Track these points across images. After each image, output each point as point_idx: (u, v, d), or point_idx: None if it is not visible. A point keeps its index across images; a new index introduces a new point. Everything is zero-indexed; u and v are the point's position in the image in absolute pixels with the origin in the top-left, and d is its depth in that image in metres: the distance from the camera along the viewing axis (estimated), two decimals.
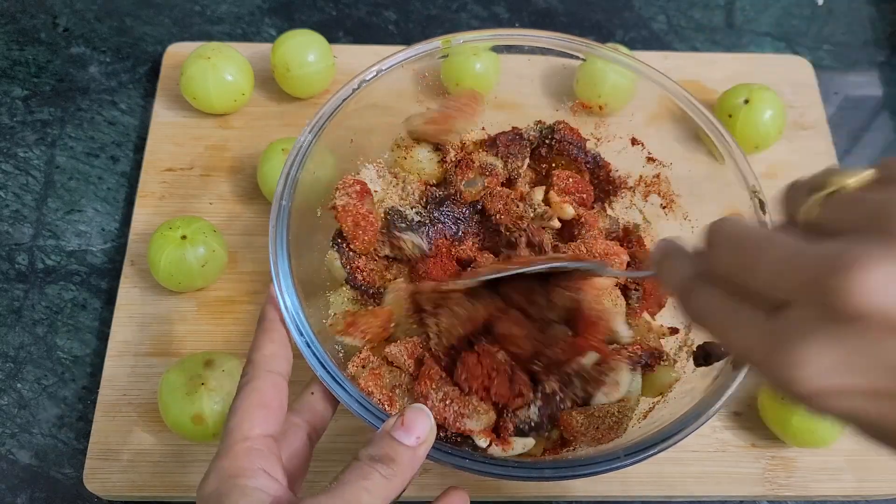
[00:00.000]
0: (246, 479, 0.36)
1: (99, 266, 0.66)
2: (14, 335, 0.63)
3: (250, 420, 0.38)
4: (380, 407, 0.44)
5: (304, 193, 0.49)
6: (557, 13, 0.84)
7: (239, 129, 0.72)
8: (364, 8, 0.83)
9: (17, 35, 0.79)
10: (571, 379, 0.49)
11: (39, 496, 0.57)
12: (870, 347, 0.25)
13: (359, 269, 0.53)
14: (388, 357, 0.49)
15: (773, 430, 0.58)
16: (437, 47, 0.55)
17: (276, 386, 0.40)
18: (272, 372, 0.40)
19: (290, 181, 0.48)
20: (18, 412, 0.60)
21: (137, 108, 0.75)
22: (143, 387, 0.60)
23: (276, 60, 0.70)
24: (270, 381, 0.40)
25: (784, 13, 0.86)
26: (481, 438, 0.46)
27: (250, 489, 0.35)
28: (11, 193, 0.70)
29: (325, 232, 0.53)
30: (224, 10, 0.82)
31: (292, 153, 0.50)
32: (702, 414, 0.44)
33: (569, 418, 0.48)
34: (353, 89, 0.53)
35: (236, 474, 0.36)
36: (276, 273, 0.45)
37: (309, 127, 0.51)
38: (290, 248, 0.46)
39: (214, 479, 0.36)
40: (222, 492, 0.35)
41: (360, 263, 0.53)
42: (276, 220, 0.47)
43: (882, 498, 0.59)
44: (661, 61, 0.78)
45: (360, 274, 0.52)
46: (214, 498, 0.35)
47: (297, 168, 0.49)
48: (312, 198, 0.52)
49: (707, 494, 0.58)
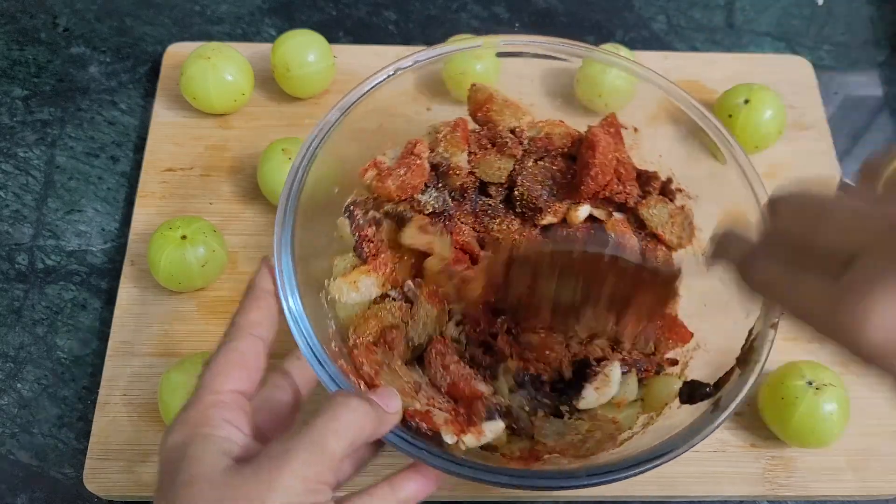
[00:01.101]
0: (210, 427, 0.36)
1: (99, 266, 0.66)
2: (14, 335, 0.63)
3: (224, 376, 0.38)
4: (357, 385, 0.45)
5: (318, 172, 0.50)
6: (557, 13, 0.84)
7: (239, 129, 0.72)
8: (364, 8, 0.83)
9: (17, 35, 0.79)
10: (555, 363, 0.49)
11: (39, 496, 0.57)
12: None
13: (366, 238, 0.53)
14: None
15: (773, 430, 0.58)
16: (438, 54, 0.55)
17: (256, 348, 0.40)
18: (254, 335, 0.40)
19: (312, 152, 0.49)
20: (18, 412, 0.60)
21: (137, 108, 0.75)
22: (143, 387, 0.60)
23: (276, 60, 0.70)
24: (251, 342, 0.40)
25: (784, 13, 0.86)
26: (448, 434, 0.47)
27: (214, 437, 0.35)
28: (11, 193, 0.70)
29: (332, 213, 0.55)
30: (224, 10, 0.82)
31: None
32: (673, 450, 0.43)
33: (541, 424, 0.48)
34: (387, 75, 0.53)
35: (201, 423, 0.36)
36: (277, 244, 0.46)
37: (336, 107, 0.51)
38: (298, 218, 0.47)
39: (179, 430, 0.36)
40: (186, 441, 0.35)
41: (369, 233, 0.54)
42: (289, 190, 0.48)
43: (882, 498, 0.59)
44: (661, 61, 0.78)
45: (367, 245, 0.53)
46: (179, 447, 0.35)
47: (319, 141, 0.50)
48: (327, 176, 0.52)
49: (707, 494, 0.58)
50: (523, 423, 0.49)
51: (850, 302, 0.26)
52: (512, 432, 0.49)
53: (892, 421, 0.61)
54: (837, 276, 0.27)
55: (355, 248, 0.53)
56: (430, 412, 0.46)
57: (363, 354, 0.48)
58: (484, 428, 0.47)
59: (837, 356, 0.28)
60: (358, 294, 0.52)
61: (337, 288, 0.52)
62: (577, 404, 0.50)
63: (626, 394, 0.51)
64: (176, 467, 0.35)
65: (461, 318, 0.54)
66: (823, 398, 0.55)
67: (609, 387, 0.50)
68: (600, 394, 0.50)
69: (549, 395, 0.52)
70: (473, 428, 0.47)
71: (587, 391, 0.50)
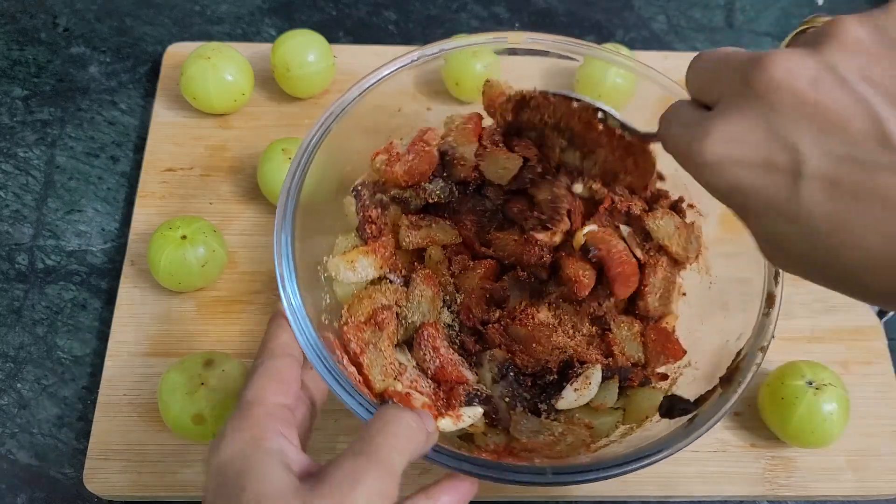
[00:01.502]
0: (268, 441, 0.36)
1: (99, 266, 0.66)
2: (14, 335, 0.63)
3: (266, 389, 0.39)
4: (353, 381, 0.45)
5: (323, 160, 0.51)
6: (557, 13, 0.84)
7: (239, 129, 0.72)
8: (364, 8, 0.83)
9: (17, 35, 0.79)
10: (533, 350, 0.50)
11: (39, 496, 0.57)
12: (768, 121, 0.29)
13: (370, 219, 0.54)
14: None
15: (773, 430, 0.58)
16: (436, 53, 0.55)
17: (291, 365, 0.42)
18: (287, 354, 0.42)
19: (316, 140, 0.50)
20: (18, 412, 0.60)
21: (137, 108, 0.75)
22: (143, 387, 0.60)
23: (276, 60, 0.70)
24: (286, 360, 0.41)
25: (784, 13, 0.86)
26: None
27: (274, 451, 0.35)
28: (11, 193, 0.70)
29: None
30: (224, 10, 0.82)
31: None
32: (642, 458, 0.43)
33: (518, 419, 0.49)
34: (399, 66, 0.54)
35: (259, 436, 0.36)
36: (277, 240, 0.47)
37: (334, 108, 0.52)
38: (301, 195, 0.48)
39: (233, 443, 0.36)
40: (246, 454, 0.35)
41: (373, 214, 0.54)
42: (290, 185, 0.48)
43: (882, 498, 0.59)
44: (661, 61, 0.77)
45: (370, 226, 0.54)
46: (238, 461, 0.35)
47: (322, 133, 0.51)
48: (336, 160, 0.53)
49: (707, 494, 0.58)
50: (502, 413, 0.50)
51: (699, 129, 0.31)
52: (490, 423, 0.50)
53: (891, 421, 0.61)
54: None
55: (358, 227, 0.54)
56: (410, 395, 0.47)
57: (352, 331, 0.49)
58: (462, 413, 0.48)
59: (835, 355, 0.28)
60: (353, 274, 0.52)
61: (334, 266, 0.52)
62: (556, 404, 0.50)
63: (605, 399, 0.51)
64: (236, 483, 0.34)
65: (456, 307, 0.54)
66: (823, 398, 0.55)
67: (588, 389, 0.50)
68: (579, 395, 0.50)
69: (529, 389, 0.52)
70: (452, 412, 0.48)
71: (567, 391, 0.50)
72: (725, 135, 0.30)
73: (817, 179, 0.28)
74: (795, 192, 0.29)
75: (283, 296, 0.45)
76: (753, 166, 0.30)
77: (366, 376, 0.48)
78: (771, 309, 0.47)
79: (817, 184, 0.28)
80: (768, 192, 0.30)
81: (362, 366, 0.48)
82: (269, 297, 0.64)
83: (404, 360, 0.51)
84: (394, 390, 0.47)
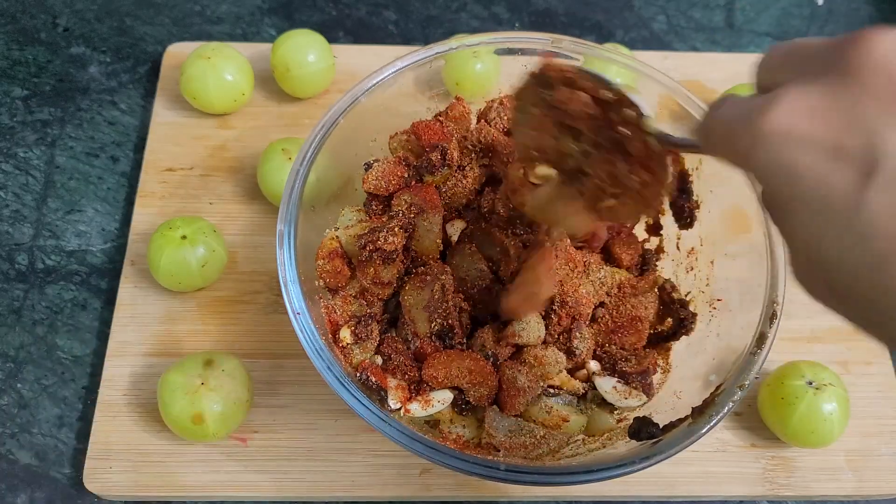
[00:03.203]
0: None
1: (99, 266, 0.66)
2: (14, 335, 0.63)
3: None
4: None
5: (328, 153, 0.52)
6: (557, 13, 0.84)
7: (239, 129, 0.72)
8: (364, 8, 0.83)
9: (17, 35, 0.79)
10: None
11: (39, 496, 0.57)
12: (854, 101, 0.25)
13: (377, 196, 0.54)
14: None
15: (773, 430, 0.58)
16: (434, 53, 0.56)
17: None
18: None
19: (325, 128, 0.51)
20: (18, 412, 0.60)
21: (137, 108, 0.75)
22: (143, 387, 0.60)
23: (276, 60, 0.70)
24: None
25: (784, 13, 0.86)
26: (394, 400, 0.48)
27: None
28: (11, 193, 0.70)
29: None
30: (224, 10, 0.82)
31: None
32: (590, 471, 0.43)
33: (492, 417, 0.49)
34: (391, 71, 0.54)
35: None
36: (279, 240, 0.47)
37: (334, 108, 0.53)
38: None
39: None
40: None
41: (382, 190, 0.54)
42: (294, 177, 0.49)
43: (882, 498, 0.59)
44: (661, 61, 0.78)
45: (375, 201, 0.54)
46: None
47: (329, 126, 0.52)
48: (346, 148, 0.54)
49: (707, 494, 0.58)
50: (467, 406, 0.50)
51: (764, 100, 0.27)
52: (458, 412, 0.50)
53: (891, 421, 0.61)
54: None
55: (365, 203, 0.54)
56: (384, 375, 0.48)
57: (338, 302, 0.50)
58: (432, 397, 0.48)
59: (835, 355, 0.27)
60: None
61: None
62: (506, 333, 0.50)
63: (528, 334, 0.50)
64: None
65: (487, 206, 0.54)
66: (823, 398, 0.55)
67: (531, 326, 0.50)
68: (528, 331, 0.50)
69: (487, 321, 0.52)
70: (421, 396, 0.48)
71: (519, 325, 0.50)
72: (797, 106, 0.26)
73: (893, 184, 0.23)
74: (860, 191, 0.24)
75: (287, 302, 0.45)
76: (819, 148, 0.25)
77: (344, 347, 0.49)
78: (760, 349, 0.47)
79: (892, 189, 0.23)
80: (828, 181, 0.25)
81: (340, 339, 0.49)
82: (269, 296, 0.64)
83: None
84: (369, 362, 0.48)
